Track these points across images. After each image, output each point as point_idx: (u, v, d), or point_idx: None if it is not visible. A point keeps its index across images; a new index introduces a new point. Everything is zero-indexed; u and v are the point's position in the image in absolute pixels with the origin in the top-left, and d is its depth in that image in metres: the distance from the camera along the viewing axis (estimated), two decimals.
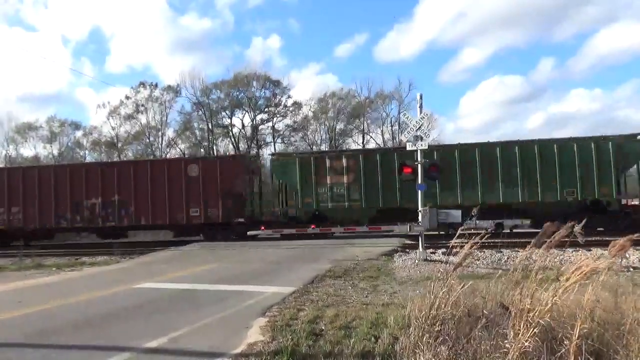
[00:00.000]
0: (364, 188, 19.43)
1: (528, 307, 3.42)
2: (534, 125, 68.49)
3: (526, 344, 3.25)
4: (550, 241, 3.84)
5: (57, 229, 22.35)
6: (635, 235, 3.69)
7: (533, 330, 3.28)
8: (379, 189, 19.28)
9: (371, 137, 43.90)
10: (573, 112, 69.64)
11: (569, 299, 3.58)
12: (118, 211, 20.92)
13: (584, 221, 3.89)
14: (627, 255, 11.88)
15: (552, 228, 3.88)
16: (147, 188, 20.70)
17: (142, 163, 23.20)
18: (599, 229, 16.61)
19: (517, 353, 3.27)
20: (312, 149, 42.92)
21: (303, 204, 20.04)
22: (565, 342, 3.34)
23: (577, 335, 3.25)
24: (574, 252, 11.40)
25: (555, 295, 3.36)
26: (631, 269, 9.60)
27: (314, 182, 19.82)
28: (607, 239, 5.53)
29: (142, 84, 45.25)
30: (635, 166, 18.95)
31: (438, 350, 3.62)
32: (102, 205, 21.02)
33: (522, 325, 3.35)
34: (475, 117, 73.21)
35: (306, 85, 70.26)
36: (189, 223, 20.69)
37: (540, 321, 3.30)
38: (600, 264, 3.32)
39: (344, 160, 19.88)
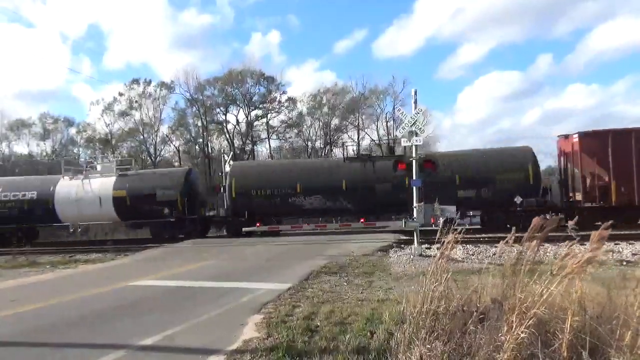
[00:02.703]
0: None
1: (521, 300, 3.44)
2: (530, 121, 68.95)
3: (522, 335, 3.26)
4: (540, 235, 3.85)
5: None
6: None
7: (528, 322, 3.29)
8: None
9: (366, 132, 43.94)
10: (570, 108, 70.11)
11: (561, 292, 3.60)
12: None
13: (576, 218, 3.90)
14: (620, 250, 11.99)
15: (540, 222, 3.89)
16: None
17: None
18: None
19: (511, 346, 3.28)
20: (307, 145, 42.96)
21: None
22: (559, 336, 3.36)
23: (569, 329, 3.27)
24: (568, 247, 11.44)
25: (547, 288, 3.37)
26: (624, 263, 9.67)
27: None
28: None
29: (136, 80, 45.00)
30: None
31: (433, 345, 3.62)
32: None
33: (515, 319, 3.37)
34: (472, 112, 73.54)
35: (305, 82, 70.40)
36: None
37: (536, 311, 3.31)
38: (589, 254, 3.34)
39: None
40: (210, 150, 43.99)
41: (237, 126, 44.29)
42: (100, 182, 21.66)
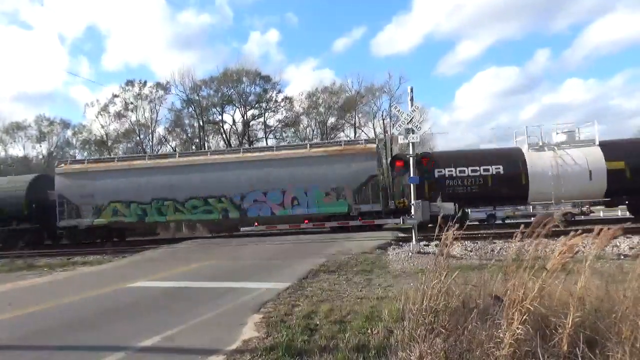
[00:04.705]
0: None
1: (521, 296, 3.44)
2: (527, 116, 69.18)
3: (518, 330, 3.26)
4: (540, 231, 3.86)
5: None
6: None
7: (523, 317, 3.29)
8: None
9: (362, 130, 43.95)
10: (567, 102, 70.32)
11: (559, 287, 3.61)
12: None
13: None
14: (618, 244, 12.03)
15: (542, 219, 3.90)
16: None
17: None
18: None
19: (510, 341, 3.28)
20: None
21: None
22: (559, 331, 3.36)
23: (570, 324, 3.28)
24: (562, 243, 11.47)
25: (544, 281, 3.37)
26: (622, 257, 9.70)
27: None
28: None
29: (130, 82, 44.84)
30: None
31: (433, 342, 3.62)
32: None
33: (514, 315, 3.37)
34: (470, 109, 73.72)
35: (303, 81, 70.34)
36: None
37: (530, 307, 3.31)
38: (578, 241, 3.35)
39: None
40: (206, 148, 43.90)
41: (233, 126, 44.27)
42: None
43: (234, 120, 44.14)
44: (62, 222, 21.55)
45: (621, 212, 27.31)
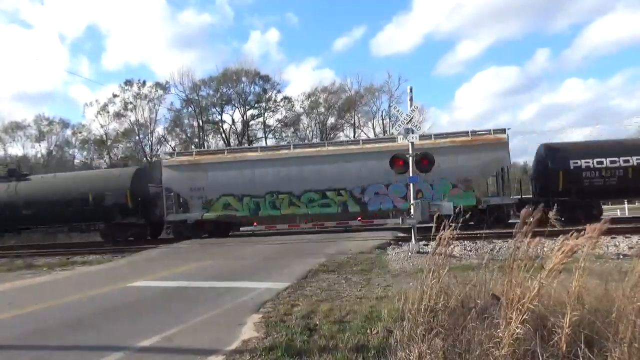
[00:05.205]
0: None
1: (518, 295, 3.44)
2: (527, 116, 69.18)
3: (517, 330, 3.27)
4: (535, 230, 3.86)
5: None
6: None
7: (522, 316, 3.30)
8: None
9: (362, 130, 43.94)
10: (566, 102, 70.33)
11: (557, 286, 3.61)
12: None
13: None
14: (617, 243, 12.04)
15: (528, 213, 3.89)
16: None
17: None
18: None
19: (509, 341, 3.29)
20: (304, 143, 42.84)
21: None
22: (557, 330, 3.37)
23: (568, 324, 3.28)
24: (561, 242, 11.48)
25: (542, 280, 3.37)
26: (621, 257, 9.71)
27: None
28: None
29: (129, 81, 44.79)
30: None
31: (432, 342, 3.63)
32: None
33: (513, 314, 3.37)
34: (470, 109, 73.74)
35: (303, 81, 70.25)
36: None
37: (530, 306, 3.31)
38: (581, 242, 3.35)
39: None
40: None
41: (233, 126, 44.24)
42: None
43: (233, 120, 44.15)
44: (169, 216, 20.73)
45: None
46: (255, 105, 44.15)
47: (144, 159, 42.71)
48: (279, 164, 20.03)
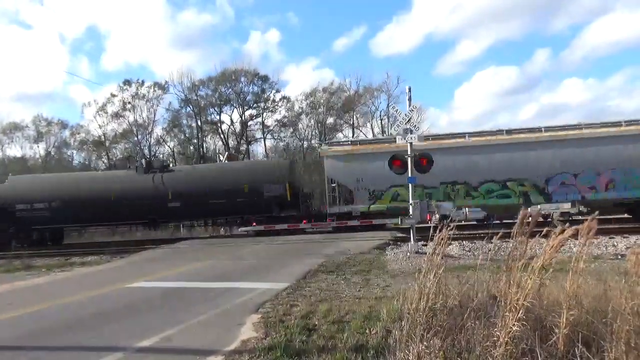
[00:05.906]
0: None
1: (515, 295, 3.45)
2: (526, 116, 69.21)
3: (514, 328, 3.28)
4: (530, 230, 3.87)
5: None
6: None
7: (518, 314, 3.31)
8: None
9: (361, 131, 43.95)
10: (565, 102, 70.29)
11: (555, 286, 3.62)
12: None
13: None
14: (615, 244, 12.07)
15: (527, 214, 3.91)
16: None
17: None
18: None
19: (505, 339, 3.30)
20: (302, 144, 42.87)
21: None
22: (555, 330, 3.38)
23: (564, 322, 3.29)
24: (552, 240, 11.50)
25: (532, 276, 3.39)
26: (619, 257, 9.74)
27: None
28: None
29: (127, 81, 44.73)
30: None
31: (431, 342, 3.63)
32: None
33: (509, 313, 3.39)
34: (469, 109, 73.61)
35: (303, 80, 70.15)
36: None
37: (525, 303, 3.32)
38: (568, 234, 3.37)
39: None
40: (205, 151, 43.87)
41: (231, 126, 44.22)
42: None
43: (231, 121, 44.12)
44: (333, 208, 19.66)
45: None
46: (254, 105, 44.16)
47: (144, 159, 42.63)
48: (454, 152, 18.93)
